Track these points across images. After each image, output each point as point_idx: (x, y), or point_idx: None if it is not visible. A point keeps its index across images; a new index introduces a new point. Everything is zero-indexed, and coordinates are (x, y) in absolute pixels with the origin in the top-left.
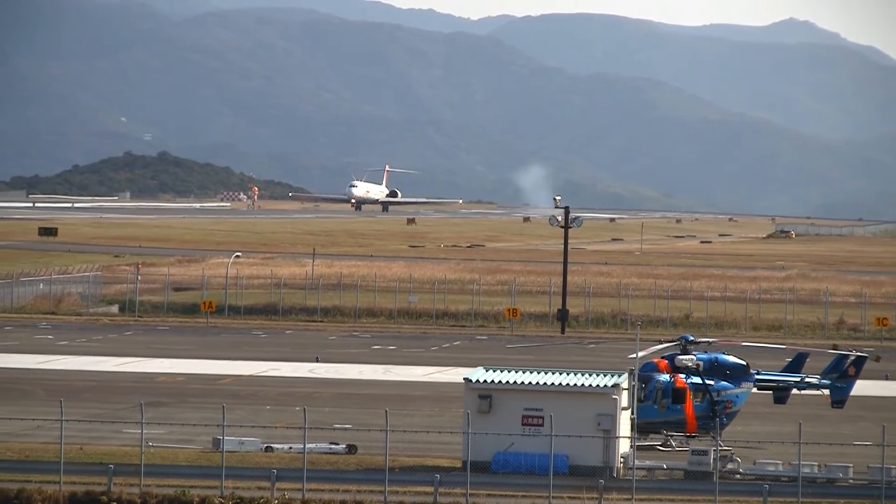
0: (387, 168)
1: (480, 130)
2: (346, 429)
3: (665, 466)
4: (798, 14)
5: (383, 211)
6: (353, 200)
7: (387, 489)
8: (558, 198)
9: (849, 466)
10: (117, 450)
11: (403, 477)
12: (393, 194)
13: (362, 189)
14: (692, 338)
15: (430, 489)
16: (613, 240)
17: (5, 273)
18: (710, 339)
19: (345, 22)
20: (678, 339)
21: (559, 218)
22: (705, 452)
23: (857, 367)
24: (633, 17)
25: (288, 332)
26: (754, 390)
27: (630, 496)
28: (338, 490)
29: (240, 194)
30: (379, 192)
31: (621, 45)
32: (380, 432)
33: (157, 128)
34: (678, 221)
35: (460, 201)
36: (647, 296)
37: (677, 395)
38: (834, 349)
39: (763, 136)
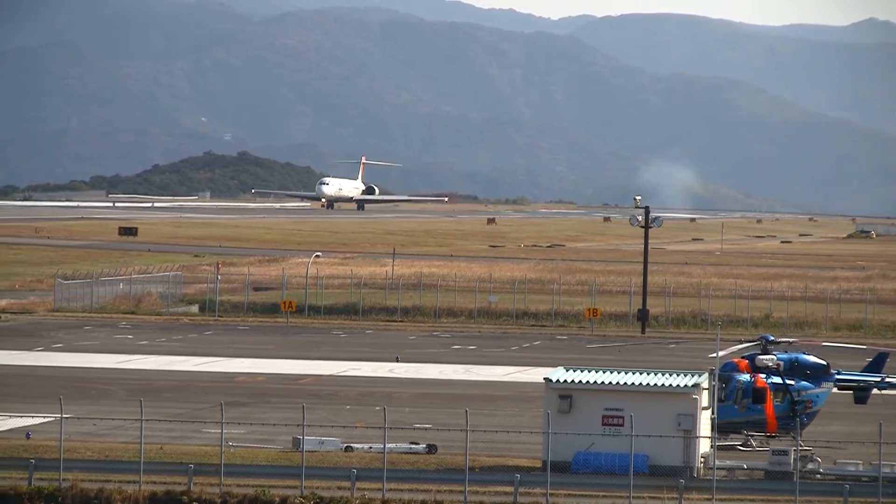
0: (363, 160)
1: (560, 130)
2: (426, 429)
3: (745, 466)
4: (878, 14)
5: (358, 209)
6: (322, 200)
7: (467, 489)
8: (638, 198)
9: None
10: (197, 449)
11: (483, 477)
12: (370, 190)
13: (334, 187)
14: (772, 338)
15: (510, 489)
16: (694, 240)
17: (86, 273)
18: (791, 339)
19: (424, 22)
20: (758, 339)
21: (639, 218)
22: (786, 452)
23: None
24: (713, 17)
25: (368, 331)
26: (834, 390)
27: (710, 496)
28: (418, 490)
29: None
30: (353, 188)
31: (701, 45)
32: (460, 432)
33: (237, 127)
34: (758, 221)
35: (446, 200)
36: (728, 296)
37: (758, 394)
38: None
39: (843, 136)
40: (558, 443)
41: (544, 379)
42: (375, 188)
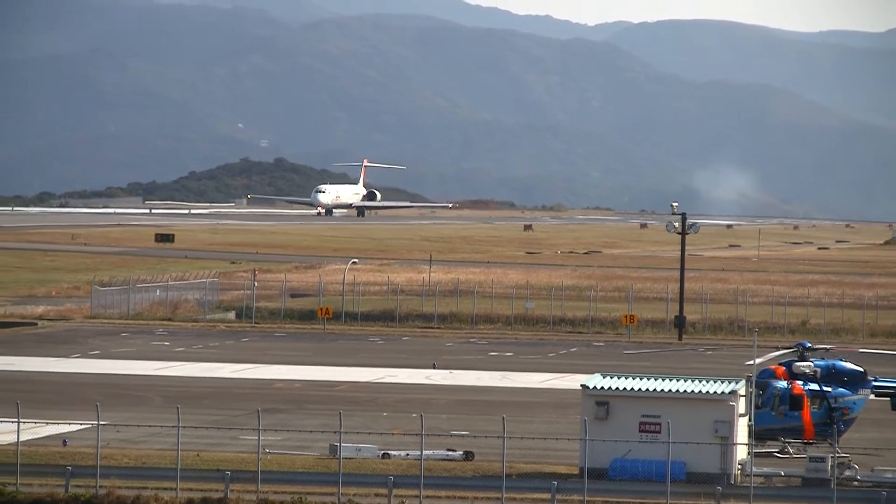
0: (365, 163)
1: (596, 136)
2: (462, 435)
3: (782, 473)
4: None
5: (358, 216)
6: (318, 208)
7: (504, 496)
8: (675, 204)
9: None
10: (234, 456)
11: (520, 484)
12: (371, 196)
13: (331, 195)
14: (809, 344)
15: (547, 496)
16: (730, 246)
17: (122, 280)
18: (828, 346)
19: (461, 28)
20: (795, 346)
21: (676, 224)
22: (823, 459)
23: None
24: (749, 23)
25: (405, 338)
26: (872, 397)
27: (747, 503)
28: (454, 497)
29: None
30: (353, 194)
31: (737, 51)
32: (497, 439)
33: (273, 134)
34: (795, 228)
35: (450, 205)
36: (765, 302)
37: (795, 401)
38: None
39: (880, 141)
40: (595, 450)
41: (581, 385)
42: (377, 193)
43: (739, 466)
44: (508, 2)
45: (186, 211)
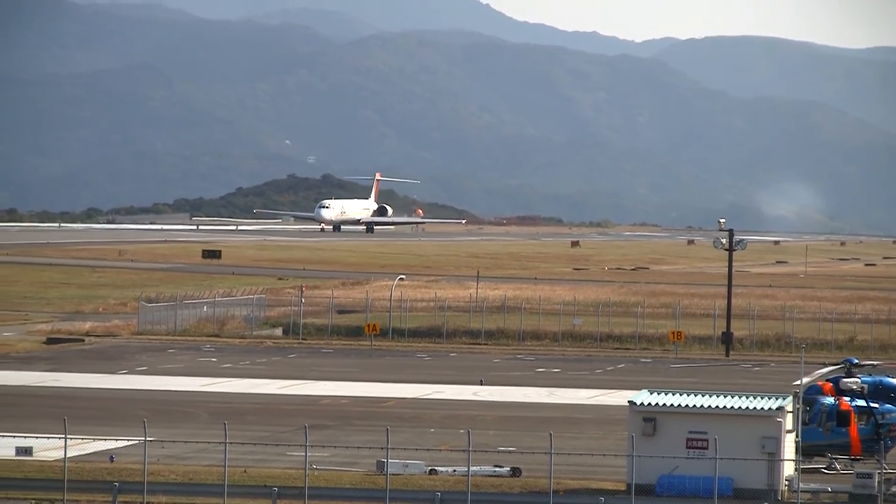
0: (377, 177)
1: (643, 153)
2: (510, 451)
3: (830, 489)
4: None
5: (367, 232)
6: (322, 225)
7: None
8: (722, 220)
9: None
10: (281, 472)
11: (567, 500)
12: (382, 211)
13: (335, 210)
14: (856, 361)
15: None
16: (777, 262)
17: (169, 296)
18: (875, 363)
19: (508, 44)
20: (842, 362)
21: (723, 241)
22: (870, 475)
23: None
24: (796, 39)
25: (452, 354)
26: None
27: None
28: None
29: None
30: (362, 210)
31: (784, 67)
32: (544, 455)
33: (320, 150)
34: (842, 244)
35: (464, 222)
36: (812, 318)
37: (842, 417)
38: None
39: None
40: (642, 466)
41: (628, 402)
42: (388, 208)
43: (787, 482)
44: (555, 18)
45: (233, 227)
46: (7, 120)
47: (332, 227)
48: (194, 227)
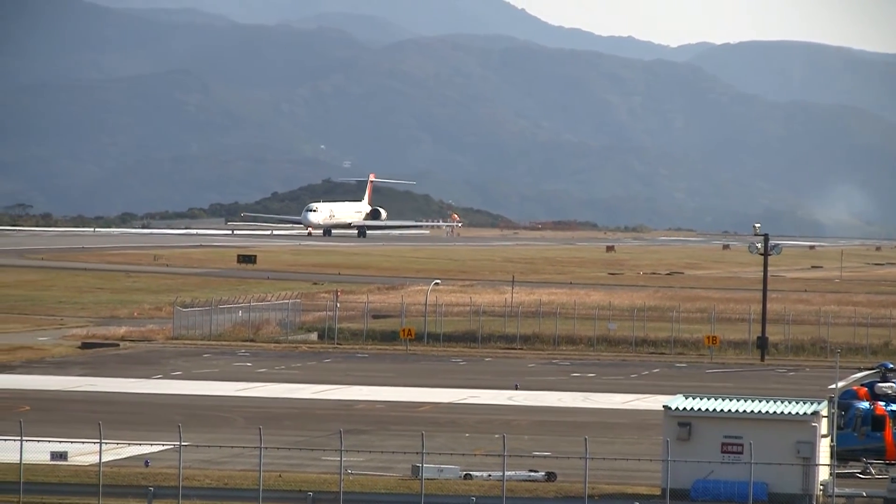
0: (371, 178)
1: (679, 158)
2: (545, 456)
3: (864, 494)
4: None
5: (359, 236)
6: (309, 229)
7: None
8: (757, 225)
9: None
10: (316, 477)
11: None
12: (375, 213)
13: (323, 213)
14: (892, 365)
15: None
16: (813, 267)
17: (204, 300)
18: None
19: (544, 49)
20: (878, 367)
21: (758, 245)
22: None
23: None
24: (832, 44)
25: (487, 359)
26: None
27: None
28: None
29: (439, 221)
30: (354, 213)
31: (820, 72)
32: (579, 460)
33: (356, 155)
34: (878, 249)
35: (459, 224)
36: (847, 323)
37: (877, 422)
38: None
39: None
40: (677, 470)
41: (663, 406)
42: (382, 211)
43: (821, 487)
44: (591, 23)
45: (269, 232)
46: (43, 124)
47: (321, 231)
48: (229, 232)
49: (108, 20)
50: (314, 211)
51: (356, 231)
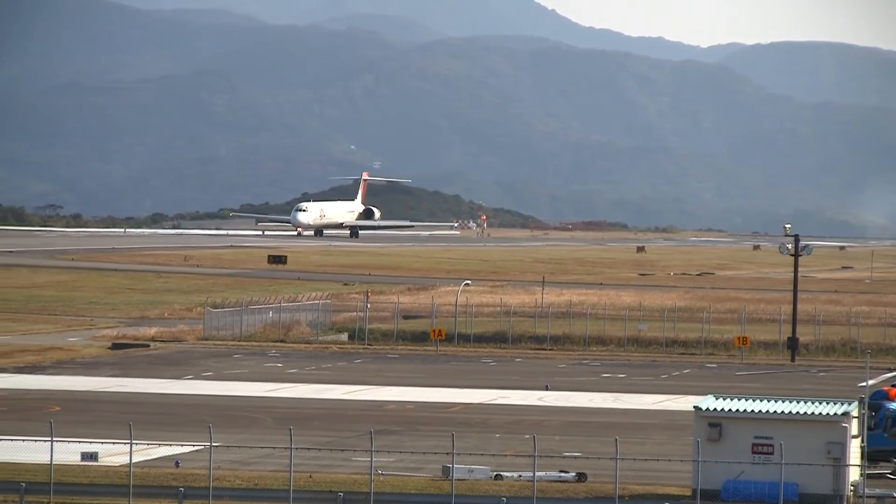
0: (364, 176)
1: (709, 158)
2: (575, 457)
3: (895, 495)
4: None
5: (351, 237)
6: (298, 229)
7: None
8: (788, 226)
9: None
10: (346, 478)
11: None
12: (368, 213)
13: (313, 213)
14: None
15: None
16: (843, 268)
17: (235, 301)
18: None
19: (574, 50)
20: None
21: (789, 246)
22: None
23: None
24: (862, 45)
25: (517, 360)
26: None
27: None
28: None
29: (469, 222)
30: (346, 212)
31: (850, 73)
32: (609, 460)
33: (386, 155)
34: None
35: (456, 224)
36: (878, 324)
37: None
38: None
39: None
40: (708, 471)
41: (694, 407)
42: (375, 210)
43: (852, 488)
44: (621, 23)
45: (260, 232)
46: (73, 125)
47: (312, 231)
48: (260, 233)
49: (137, 21)
50: (304, 211)
51: (348, 231)
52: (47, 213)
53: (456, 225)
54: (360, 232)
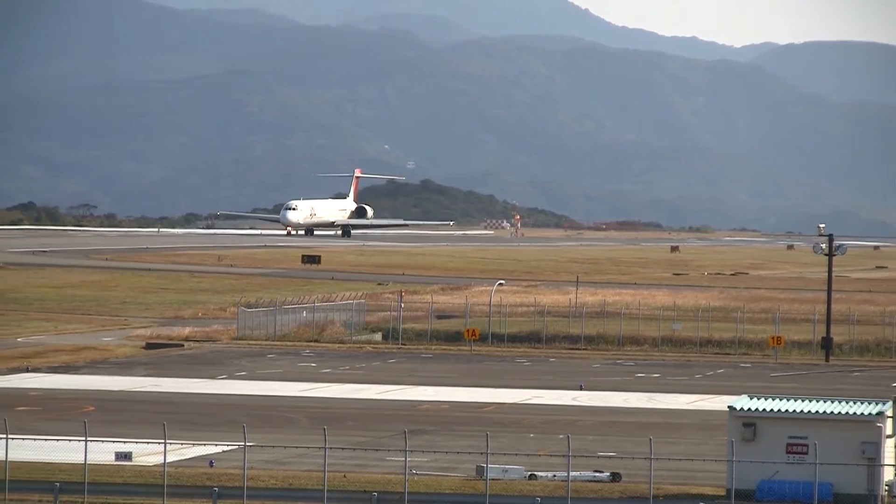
0: (356, 174)
1: (743, 158)
2: (609, 457)
3: None
4: None
5: (343, 236)
6: (288, 228)
7: None
8: (822, 225)
9: None
10: (381, 478)
11: None
12: (361, 211)
13: (303, 212)
14: None
15: None
16: (877, 267)
17: (269, 301)
18: None
19: (607, 49)
20: None
21: (823, 246)
22: None
23: None
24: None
25: (551, 359)
26: None
27: None
28: None
29: (503, 222)
30: (337, 211)
31: (884, 72)
32: (644, 460)
33: (419, 155)
34: None
35: (451, 224)
36: None
37: None
38: None
39: None
40: (742, 471)
41: (728, 407)
42: (368, 209)
43: (886, 488)
44: (654, 23)
45: (333, 232)
46: (107, 125)
47: (303, 231)
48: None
49: (171, 21)
50: (293, 209)
51: (339, 230)
52: (81, 212)
53: (452, 224)
54: (352, 231)
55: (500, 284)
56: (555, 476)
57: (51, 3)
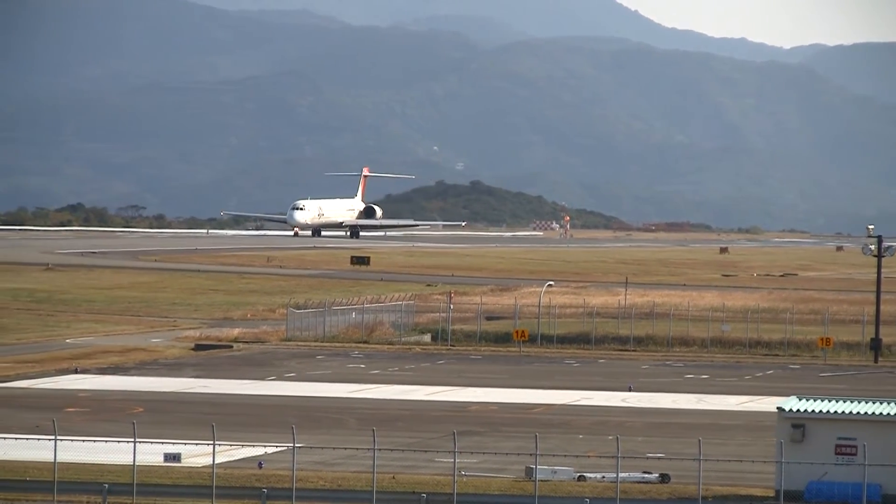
0: (365, 172)
1: (792, 159)
2: (658, 458)
3: None
4: None
5: (351, 237)
6: (295, 229)
7: None
8: (871, 227)
9: None
10: (429, 479)
11: None
12: (369, 211)
13: (311, 212)
14: None
15: None
16: None
17: (318, 302)
18: None
19: (656, 51)
20: None
21: (872, 247)
22: None
23: None
24: None
25: (600, 360)
26: None
27: None
28: None
29: (552, 223)
30: (345, 211)
31: None
32: (693, 461)
33: (469, 157)
34: None
35: (463, 224)
36: None
37: None
38: None
39: None
40: (791, 472)
41: (777, 408)
42: (377, 209)
43: None
44: (703, 24)
45: (382, 233)
46: (156, 126)
47: (309, 232)
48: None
49: (221, 22)
50: (301, 209)
51: (348, 231)
52: (130, 214)
53: (464, 224)
54: (360, 232)
55: (550, 285)
56: (604, 477)
57: (101, 5)
